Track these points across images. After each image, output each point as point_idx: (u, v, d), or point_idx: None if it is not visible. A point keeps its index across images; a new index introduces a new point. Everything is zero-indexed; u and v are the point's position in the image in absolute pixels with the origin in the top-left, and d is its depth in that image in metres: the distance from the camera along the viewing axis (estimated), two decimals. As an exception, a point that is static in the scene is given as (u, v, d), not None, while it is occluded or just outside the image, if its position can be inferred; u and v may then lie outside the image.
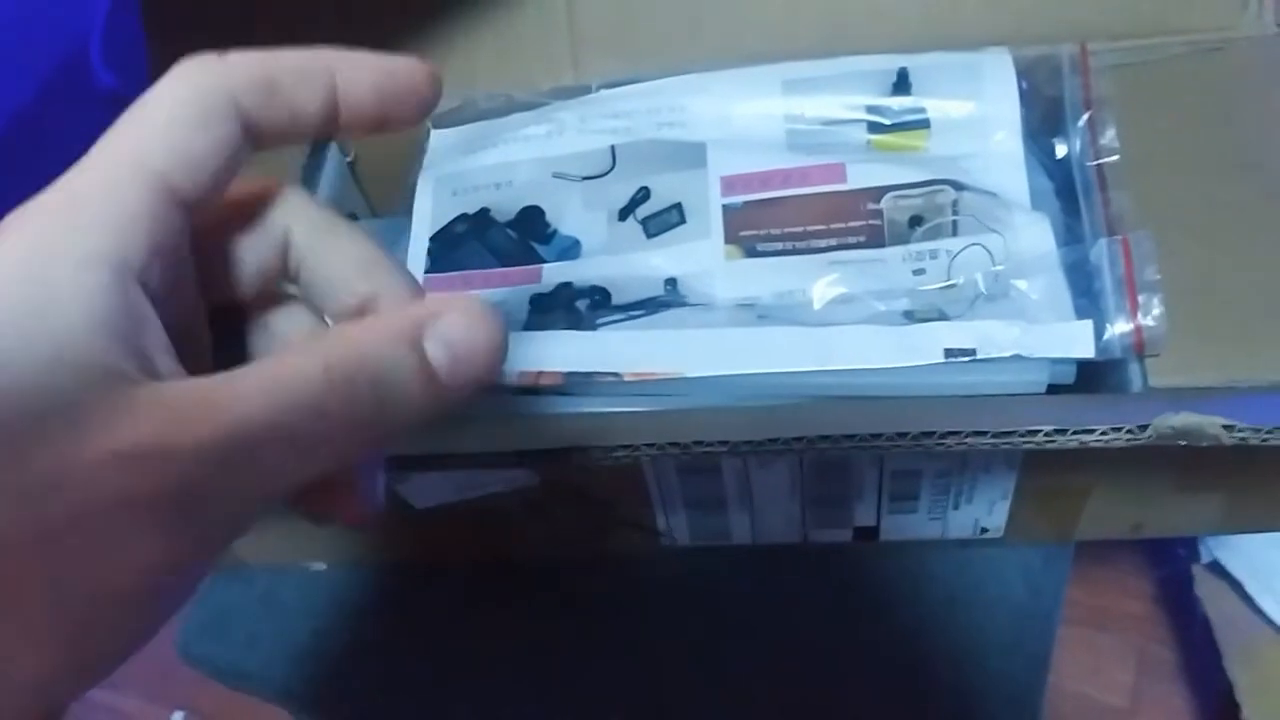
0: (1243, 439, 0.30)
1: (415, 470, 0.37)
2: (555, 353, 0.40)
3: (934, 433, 0.29)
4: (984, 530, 0.42)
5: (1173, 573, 0.77)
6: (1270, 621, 0.66)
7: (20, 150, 0.72)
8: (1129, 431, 0.29)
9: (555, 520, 0.44)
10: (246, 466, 0.18)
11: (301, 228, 0.23)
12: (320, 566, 0.50)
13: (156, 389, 0.18)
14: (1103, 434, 0.29)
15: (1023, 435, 0.29)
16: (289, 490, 0.19)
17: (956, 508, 0.41)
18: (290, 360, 0.19)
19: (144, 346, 0.19)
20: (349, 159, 0.50)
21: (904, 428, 0.30)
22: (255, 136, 0.22)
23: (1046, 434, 0.28)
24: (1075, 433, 0.29)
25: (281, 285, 0.24)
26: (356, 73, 0.23)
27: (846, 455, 0.36)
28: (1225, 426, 0.29)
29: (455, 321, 0.21)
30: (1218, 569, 0.68)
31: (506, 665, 0.48)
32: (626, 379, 0.39)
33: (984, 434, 0.29)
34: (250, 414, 0.18)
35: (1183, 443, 0.29)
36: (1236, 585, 0.67)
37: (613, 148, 0.45)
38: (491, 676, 0.48)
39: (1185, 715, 0.76)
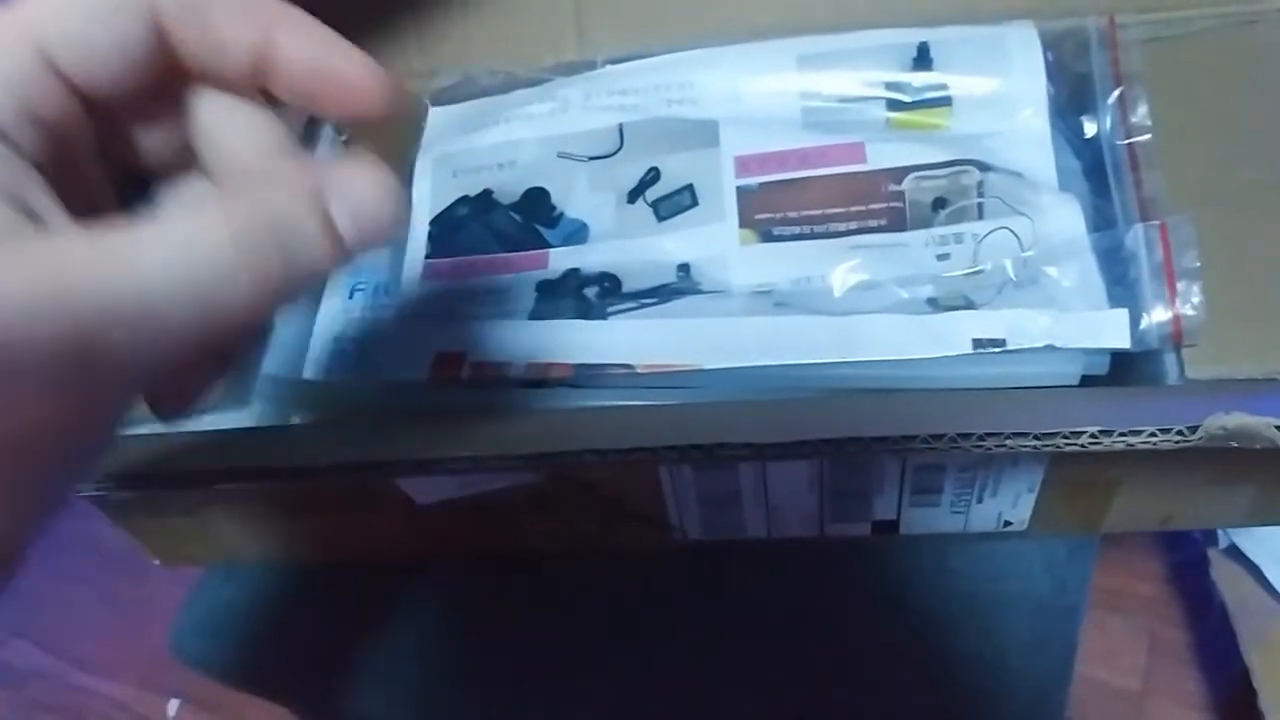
0: (1294, 438, 0.28)
1: (420, 474, 0.36)
2: (565, 343, 0.38)
3: (971, 435, 0.28)
4: (1007, 524, 0.41)
5: (1188, 557, 0.76)
6: (1288, 607, 0.65)
7: None
8: (1179, 433, 0.27)
9: (562, 516, 0.43)
10: (147, 321, 0.18)
11: (207, 106, 0.23)
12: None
13: (49, 239, 0.19)
14: (1150, 436, 0.27)
15: (1066, 438, 0.27)
16: (195, 350, 0.19)
17: (980, 501, 0.40)
18: (194, 217, 0.19)
19: (24, 198, 0.19)
20: (343, 139, 0.48)
21: (938, 428, 0.29)
22: (172, 55, 0.22)
23: (1092, 435, 0.27)
24: (1121, 435, 0.27)
25: (186, 156, 0.24)
26: (297, 39, 0.22)
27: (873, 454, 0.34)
28: (1278, 427, 0.27)
29: (355, 181, 0.21)
30: (1235, 554, 0.66)
31: (505, 663, 0.46)
32: (640, 371, 0.37)
33: (1025, 435, 0.28)
34: (151, 265, 0.18)
35: (1234, 444, 0.27)
36: (1255, 570, 0.65)
37: (620, 126, 0.44)
38: (490, 675, 0.46)
39: (1198, 698, 0.75)
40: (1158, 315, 0.34)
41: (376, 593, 0.48)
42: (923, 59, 0.42)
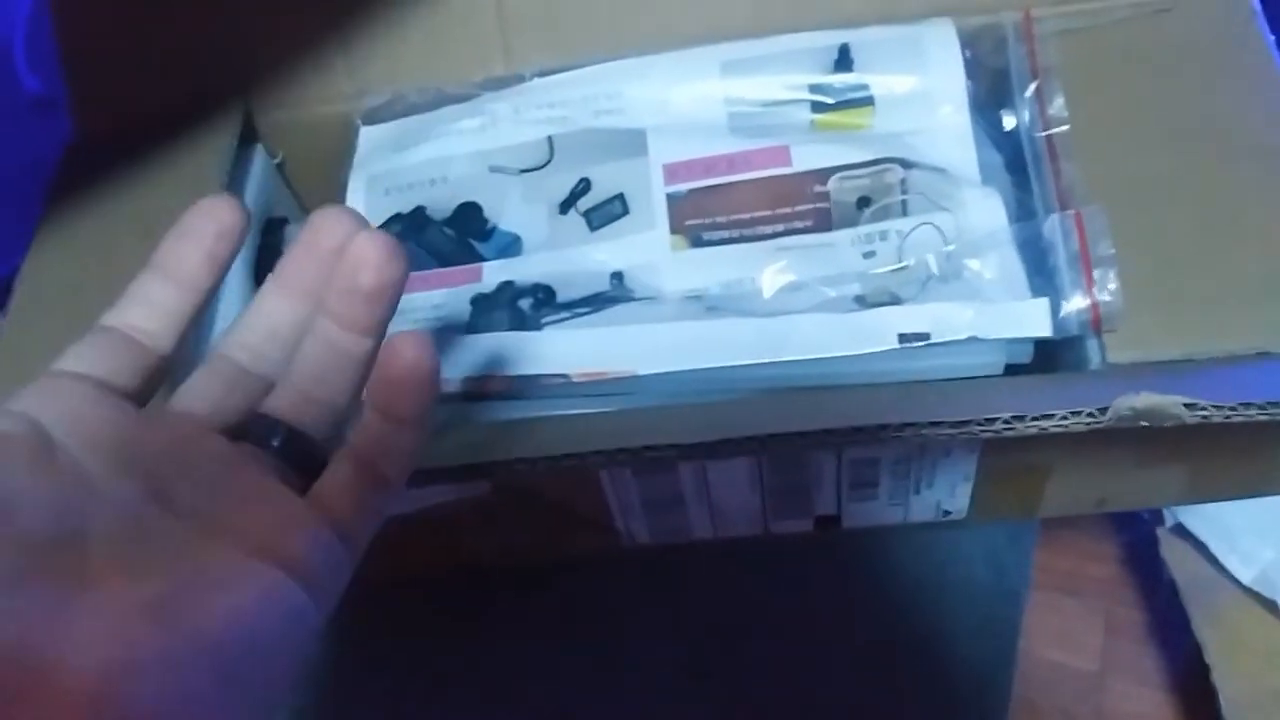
0: (1205, 418, 0.29)
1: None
2: (501, 356, 0.39)
3: (889, 425, 0.28)
4: (947, 513, 0.41)
5: (1138, 536, 0.77)
6: (1236, 581, 0.66)
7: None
8: (1089, 415, 0.28)
9: (509, 527, 0.43)
10: None
11: None
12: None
13: None
14: (1062, 419, 0.28)
15: (981, 424, 0.28)
16: None
17: (918, 492, 0.41)
18: None
19: None
20: (276, 160, 0.48)
21: (858, 421, 0.29)
22: None
23: (1005, 421, 0.28)
24: (1034, 419, 0.28)
25: None
26: None
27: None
28: (1187, 405, 0.28)
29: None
30: (1182, 531, 0.68)
31: (473, 679, 0.46)
32: (575, 380, 0.38)
33: (941, 424, 0.28)
34: None
35: (1144, 424, 0.28)
36: (1201, 547, 0.67)
37: (550, 138, 0.44)
38: (459, 691, 0.46)
39: (1155, 677, 0.76)
40: (1077, 303, 0.35)
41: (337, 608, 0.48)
42: (844, 60, 0.42)
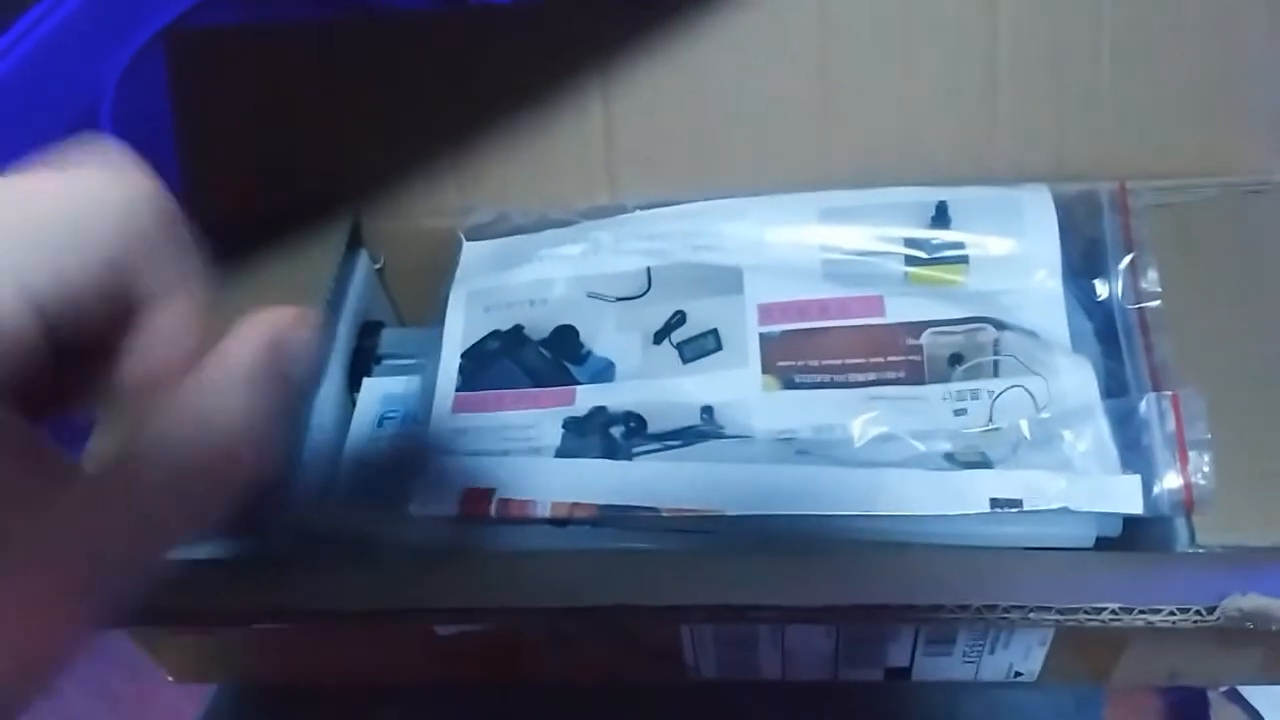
0: (1306, 619, 0.29)
1: (452, 623, 0.36)
2: (590, 483, 0.39)
3: (996, 606, 0.28)
4: (1018, 674, 0.41)
5: (1188, 697, 0.76)
6: (1287, 750, 0.65)
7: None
8: (1197, 613, 0.28)
9: (578, 648, 0.43)
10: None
11: None
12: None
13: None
14: (1169, 614, 0.28)
15: (1088, 613, 0.28)
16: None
17: (992, 652, 0.41)
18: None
19: None
20: (378, 266, 0.50)
21: (960, 597, 0.30)
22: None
23: (1113, 612, 0.28)
24: (1141, 612, 0.28)
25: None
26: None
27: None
28: (1294, 610, 0.28)
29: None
30: (1236, 697, 0.66)
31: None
32: (664, 515, 0.38)
33: (1048, 609, 0.28)
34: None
35: (1250, 625, 0.28)
36: (1254, 715, 0.65)
37: (648, 269, 0.45)
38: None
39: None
40: (1170, 482, 0.35)
41: (391, 716, 0.48)
42: (941, 217, 0.44)
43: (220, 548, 0.39)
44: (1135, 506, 0.35)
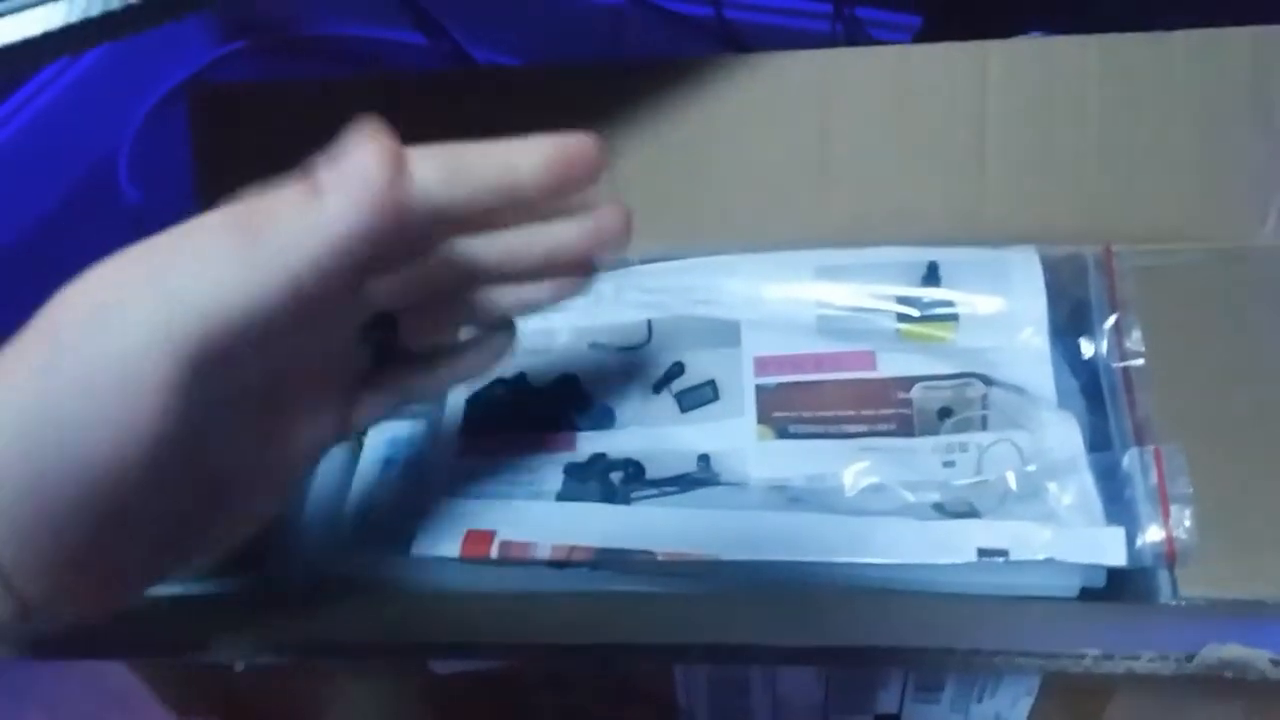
0: (1284, 670, 0.30)
1: (453, 658, 0.37)
2: (589, 526, 0.40)
3: (980, 650, 0.29)
4: (1006, 724, 0.42)
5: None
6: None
7: (44, 257, 0.73)
8: (1176, 660, 0.29)
9: (572, 691, 0.44)
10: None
11: None
12: None
13: None
14: (1150, 660, 0.29)
15: (1071, 658, 0.29)
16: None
17: (979, 701, 0.41)
18: None
19: None
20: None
21: (947, 641, 0.30)
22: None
23: (1095, 658, 0.29)
24: (1123, 658, 0.29)
25: None
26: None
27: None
28: (1274, 661, 0.29)
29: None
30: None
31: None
32: (660, 558, 0.39)
33: (1031, 655, 0.29)
34: None
35: (1229, 674, 0.29)
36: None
37: (649, 321, 0.47)
38: None
39: None
40: (1152, 535, 0.37)
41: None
42: (932, 276, 0.45)
43: (225, 584, 0.40)
44: (1119, 558, 0.36)
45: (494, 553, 0.40)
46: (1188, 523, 0.36)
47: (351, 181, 0.24)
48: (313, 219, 0.23)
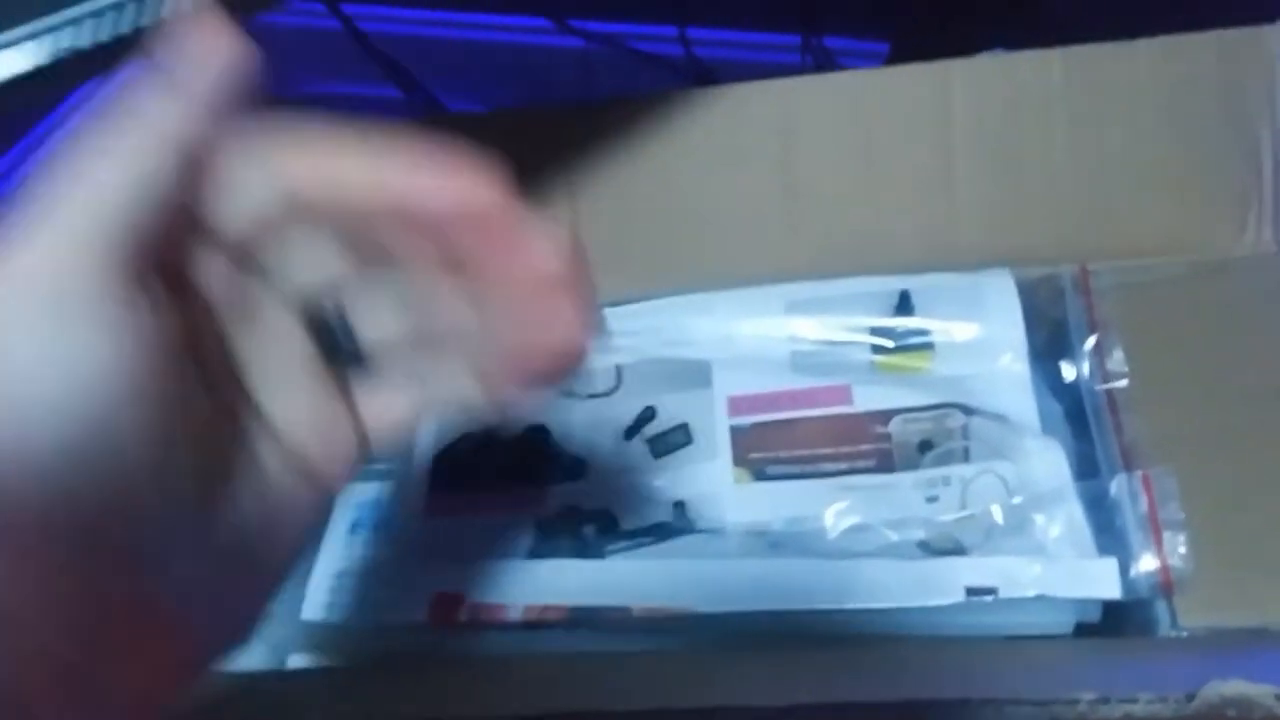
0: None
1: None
2: (562, 584, 0.39)
3: (970, 700, 0.28)
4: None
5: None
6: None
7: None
8: (1175, 702, 0.27)
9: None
10: None
11: None
12: None
13: None
14: (1148, 702, 0.27)
15: (1065, 704, 0.27)
16: None
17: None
18: None
19: None
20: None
21: (935, 692, 0.29)
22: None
23: (1089, 702, 0.27)
24: (1120, 701, 0.27)
25: None
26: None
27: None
28: (1279, 696, 0.27)
29: None
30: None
31: None
32: (636, 614, 0.38)
33: (1023, 702, 0.28)
34: None
35: (1232, 713, 0.28)
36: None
37: (618, 366, 0.45)
38: None
39: None
40: (1146, 564, 0.35)
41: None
42: (904, 305, 0.44)
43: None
44: (1113, 591, 0.35)
45: (464, 616, 0.38)
46: (1182, 549, 0.35)
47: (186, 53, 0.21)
48: (159, 92, 0.21)
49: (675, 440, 0.43)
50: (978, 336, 0.43)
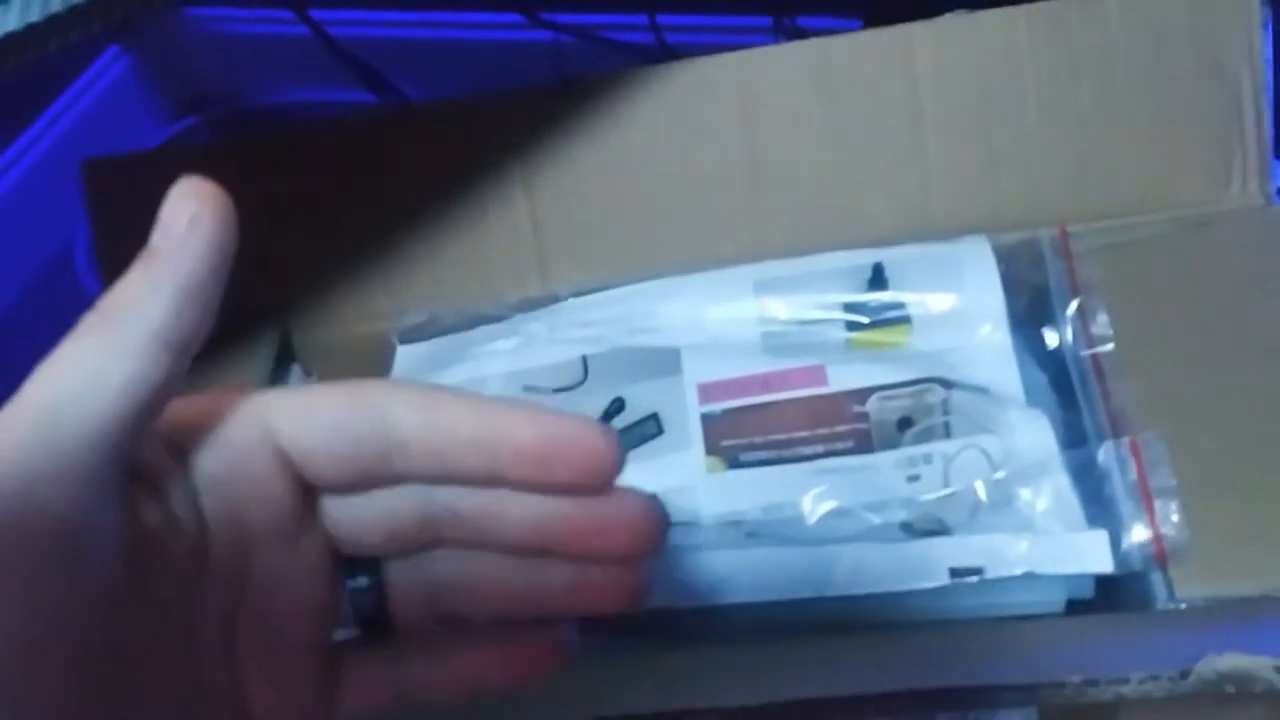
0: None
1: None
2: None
3: (953, 690, 0.26)
4: (1010, 756, 0.38)
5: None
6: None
7: (3, 353, 0.71)
8: (1169, 679, 0.26)
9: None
10: None
11: None
12: None
13: None
14: (1140, 683, 0.25)
15: (1051, 688, 0.26)
16: None
17: (978, 732, 0.38)
18: None
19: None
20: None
21: (918, 681, 0.27)
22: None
23: (1076, 685, 0.25)
24: (1109, 683, 0.25)
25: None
26: (525, 425, 0.21)
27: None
28: (1278, 668, 0.26)
29: None
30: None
31: None
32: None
33: (1009, 688, 0.26)
34: None
35: (1230, 688, 0.26)
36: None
37: (584, 358, 0.44)
38: None
39: None
40: (1138, 535, 0.33)
41: None
42: (878, 279, 0.42)
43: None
44: (1104, 564, 0.33)
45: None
46: (1175, 517, 0.33)
47: (173, 236, 0.20)
48: (151, 281, 0.20)
49: (645, 431, 0.41)
50: (955, 307, 0.41)
